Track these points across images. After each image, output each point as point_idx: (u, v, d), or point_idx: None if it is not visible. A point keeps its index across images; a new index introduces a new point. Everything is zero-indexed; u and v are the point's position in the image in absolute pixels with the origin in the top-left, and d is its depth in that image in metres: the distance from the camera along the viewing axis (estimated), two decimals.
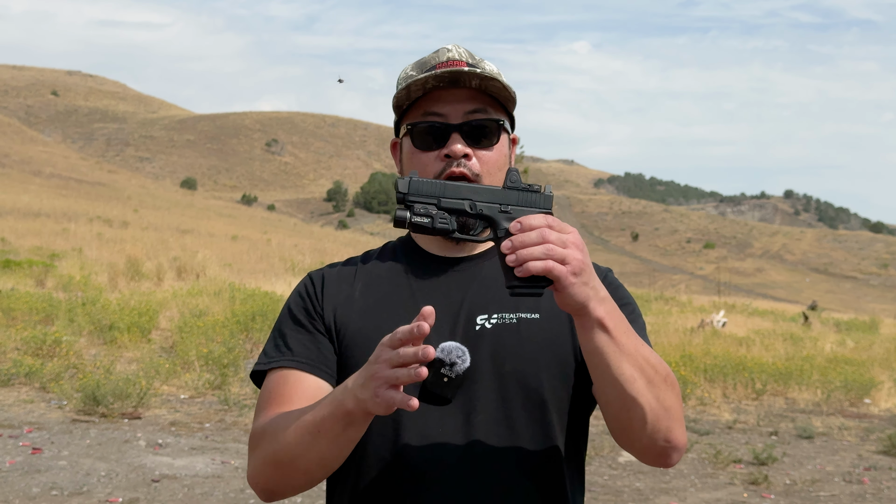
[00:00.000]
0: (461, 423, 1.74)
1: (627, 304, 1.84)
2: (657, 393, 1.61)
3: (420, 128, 1.81)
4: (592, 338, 1.55)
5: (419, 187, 1.54)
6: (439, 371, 1.74)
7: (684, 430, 1.69)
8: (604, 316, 1.53)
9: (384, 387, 1.46)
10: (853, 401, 12.27)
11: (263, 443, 1.70)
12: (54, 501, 6.40)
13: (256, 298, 16.80)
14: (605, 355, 1.56)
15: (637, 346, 1.59)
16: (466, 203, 1.54)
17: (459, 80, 1.77)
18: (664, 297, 32.36)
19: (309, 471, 1.67)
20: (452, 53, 1.83)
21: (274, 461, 1.68)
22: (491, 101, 1.83)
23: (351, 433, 1.59)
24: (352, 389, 1.54)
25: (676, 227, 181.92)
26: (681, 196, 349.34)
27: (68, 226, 39.61)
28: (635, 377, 1.58)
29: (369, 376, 1.49)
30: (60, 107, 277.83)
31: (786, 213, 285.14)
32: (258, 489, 1.75)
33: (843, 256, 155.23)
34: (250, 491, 6.86)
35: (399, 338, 1.45)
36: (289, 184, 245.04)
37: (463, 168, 1.78)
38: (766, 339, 18.16)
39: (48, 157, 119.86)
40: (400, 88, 1.82)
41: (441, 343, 1.76)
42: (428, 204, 1.53)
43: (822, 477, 8.26)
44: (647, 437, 1.64)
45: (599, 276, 1.87)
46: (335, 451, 1.62)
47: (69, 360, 11.10)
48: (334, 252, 43.99)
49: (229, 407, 9.59)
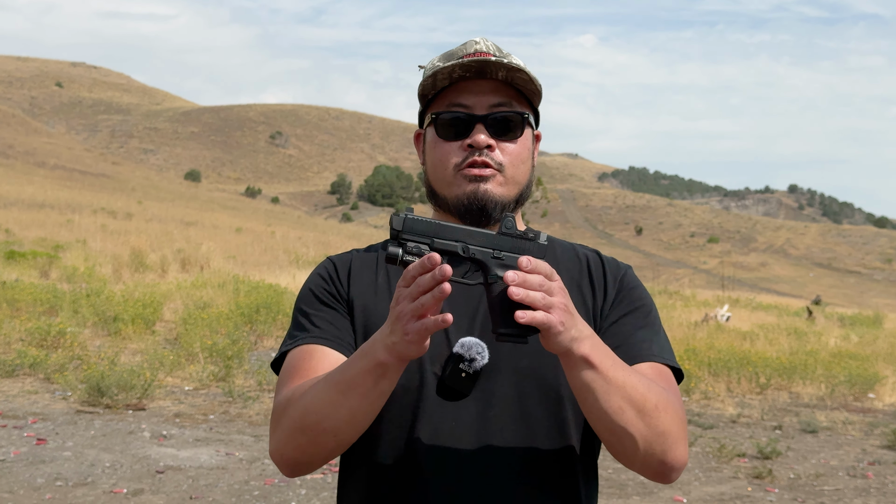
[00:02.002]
0: (475, 418, 1.74)
1: (642, 305, 1.84)
2: (649, 421, 1.61)
3: (444, 118, 1.80)
4: (579, 375, 1.55)
5: (413, 225, 1.51)
6: (458, 366, 1.74)
7: (685, 448, 1.68)
8: (588, 353, 1.53)
9: (412, 321, 1.45)
10: (857, 395, 12.26)
11: (289, 410, 1.67)
12: (59, 492, 6.40)
13: (260, 291, 16.80)
14: (593, 391, 1.56)
15: (626, 377, 1.59)
16: (459, 246, 1.52)
17: (486, 70, 1.77)
18: (668, 292, 32.36)
19: (339, 431, 1.63)
20: (480, 46, 1.82)
21: (301, 426, 1.65)
22: (516, 94, 1.82)
23: (383, 385, 1.57)
24: (380, 340, 1.53)
25: (680, 222, 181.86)
26: (685, 190, 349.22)
27: (72, 217, 39.67)
28: (624, 409, 1.58)
29: (394, 319, 1.48)
30: (65, 98, 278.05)
31: (790, 208, 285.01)
32: (284, 461, 1.71)
33: (846, 251, 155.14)
34: (255, 482, 6.87)
35: (412, 274, 1.45)
36: (293, 176, 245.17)
37: (486, 157, 1.77)
38: (770, 333, 18.15)
39: (52, 148, 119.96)
40: (426, 76, 1.81)
41: (460, 339, 1.75)
42: (421, 243, 1.51)
43: (826, 471, 8.25)
44: (640, 462, 1.65)
45: (619, 274, 1.88)
46: (366, 406, 1.60)
47: (73, 351, 11.11)
48: (338, 245, 44.00)
49: (233, 399, 9.60)
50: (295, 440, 1.67)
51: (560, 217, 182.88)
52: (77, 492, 6.43)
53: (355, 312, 1.82)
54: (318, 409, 1.62)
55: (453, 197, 1.80)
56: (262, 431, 8.47)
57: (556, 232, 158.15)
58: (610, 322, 1.82)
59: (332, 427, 1.63)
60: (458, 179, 1.79)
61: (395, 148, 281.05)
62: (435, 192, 1.85)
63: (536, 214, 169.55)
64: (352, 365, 1.59)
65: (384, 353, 1.52)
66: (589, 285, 1.86)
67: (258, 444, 8.01)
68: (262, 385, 10.29)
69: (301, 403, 1.64)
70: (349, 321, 1.81)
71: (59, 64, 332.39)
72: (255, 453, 7.69)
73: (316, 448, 1.67)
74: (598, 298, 1.84)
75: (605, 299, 1.84)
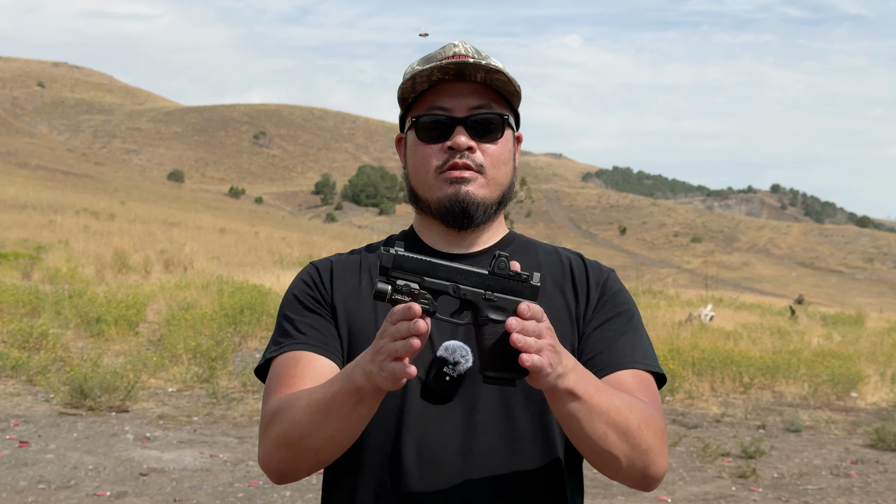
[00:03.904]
0: (461, 422, 1.74)
1: (625, 310, 1.85)
2: (632, 441, 1.63)
3: (424, 121, 1.81)
4: (564, 407, 1.56)
5: (403, 262, 1.48)
6: (442, 370, 1.73)
7: (666, 458, 1.71)
8: (573, 386, 1.54)
9: (388, 360, 1.46)
10: (840, 394, 12.31)
11: (274, 423, 1.68)
12: (42, 495, 6.37)
13: (244, 291, 16.75)
14: (578, 420, 1.58)
15: (609, 401, 1.60)
16: (450, 286, 1.50)
17: (465, 72, 1.77)
18: (652, 291, 32.44)
19: (320, 449, 1.65)
20: (459, 49, 1.82)
21: (285, 441, 1.66)
22: (496, 96, 1.82)
23: (361, 410, 1.58)
24: (361, 364, 1.53)
25: (664, 221, 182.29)
26: (668, 190, 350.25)
27: (55, 218, 39.44)
28: (608, 433, 1.60)
29: (375, 350, 1.49)
30: (47, 98, 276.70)
31: (772, 208, 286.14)
32: (269, 471, 1.73)
33: (829, 251, 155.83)
34: (239, 484, 6.85)
35: (396, 317, 1.45)
36: (277, 176, 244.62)
37: (466, 160, 1.78)
38: (753, 332, 18.21)
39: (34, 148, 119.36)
40: (405, 80, 1.81)
41: (444, 342, 1.75)
42: (411, 281, 1.48)
43: (810, 470, 8.28)
44: (623, 476, 1.68)
45: (601, 277, 1.88)
46: (346, 428, 1.61)
47: (56, 352, 11.05)
48: (322, 245, 43.91)
49: (217, 400, 9.57)
50: (279, 453, 1.68)
51: (544, 217, 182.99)
52: (60, 494, 6.40)
53: (339, 317, 1.81)
54: (301, 428, 1.62)
55: (435, 200, 1.80)
56: (246, 433, 8.44)
57: (540, 231, 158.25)
58: (593, 327, 1.82)
59: (314, 445, 1.64)
60: (439, 182, 1.79)
61: (380, 148, 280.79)
62: (417, 195, 1.85)
63: (521, 214, 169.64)
64: (334, 384, 1.59)
65: (362, 378, 1.53)
66: (572, 289, 1.86)
67: (242, 445, 7.99)
68: (246, 386, 10.25)
69: (286, 418, 1.65)
70: (334, 326, 1.81)
71: (41, 64, 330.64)
72: (240, 455, 7.66)
73: (300, 462, 1.68)
74: (580, 302, 1.84)
75: (588, 303, 1.84)
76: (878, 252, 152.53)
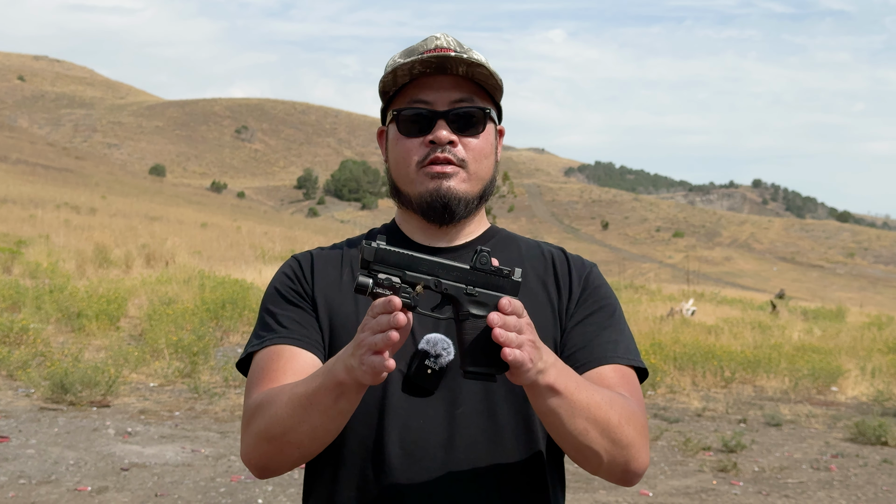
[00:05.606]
0: (443, 415, 1.74)
1: (607, 304, 1.85)
2: (613, 436, 1.63)
3: (406, 114, 1.80)
4: (544, 402, 1.57)
5: (385, 256, 1.48)
6: (423, 363, 1.73)
7: (647, 453, 1.72)
8: (553, 382, 1.55)
9: (368, 353, 1.46)
10: (820, 389, 12.38)
11: (256, 418, 1.68)
12: (22, 490, 6.34)
13: (226, 286, 16.71)
14: (559, 415, 1.58)
15: (589, 397, 1.60)
16: (432, 280, 1.50)
17: (446, 65, 1.76)
18: (634, 286, 32.51)
19: (301, 444, 1.64)
20: (441, 41, 1.81)
21: (267, 435, 1.66)
22: (478, 89, 1.81)
23: (342, 405, 1.58)
24: (342, 359, 1.53)
25: (646, 216, 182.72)
26: (650, 185, 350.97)
27: (35, 212, 39.19)
28: (588, 429, 1.60)
29: (356, 344, 1.49)
30: (27, 92, 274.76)
31: (754, 203, 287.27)
32: (252, 466, 1.73)
33: (809, 245, 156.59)
34: (221, 479, 6.83)
35: (377, 311, 1.45)
36: (259, 171, 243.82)
37: (448, 154, 1.77)
38: (734, 327, 18.30)
39: (14, 142, 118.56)
40: (386, 73, 1.80)
41: (426, 335, 1.75)
42: (392, 275, 1.48)
43: (790, 464, 8.33)
44: (604, 472, 1.69)
45: (584, 272, 1.88)
46: (327, 423, 1.61)
47: (37, 347, 11.00)
48: (305, 240, 43.83)
49: (199, 395, 9.54)
50: (261, 448, 1.68)
51: (527, 212, 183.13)
52: (41, 490, 6.37)
53: (320, 310, 1.81)
54: (282, 422, 1.62)
55: (416, 194, 1.79)
56: (227, 428, 8.43)
57: (522, 226, 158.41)
58: (575, 322, 1.82)
59: (296, 440, 1.64)
60: (420, 176, 1.78)
61: (362, 143, 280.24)
62: (398, 190, 1.84)
63: (503, 209, 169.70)
64: (315, 379, 1.59)
65: (344, 373, 1.52)
66: (554, 283, 1.86)
67: (224, 440, 7.97)
68: (227, 381, 10.23)
69: (268, 413, 1.65)
70: (315, 318, 1.80)
71: (22, 57, 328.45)
72: (221, 450, 7.65)
73: (282, 457, 1.68)
74: (563, 297, 1.84)
75: (571, 298, 1.84)
76: (858, 247, 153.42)
